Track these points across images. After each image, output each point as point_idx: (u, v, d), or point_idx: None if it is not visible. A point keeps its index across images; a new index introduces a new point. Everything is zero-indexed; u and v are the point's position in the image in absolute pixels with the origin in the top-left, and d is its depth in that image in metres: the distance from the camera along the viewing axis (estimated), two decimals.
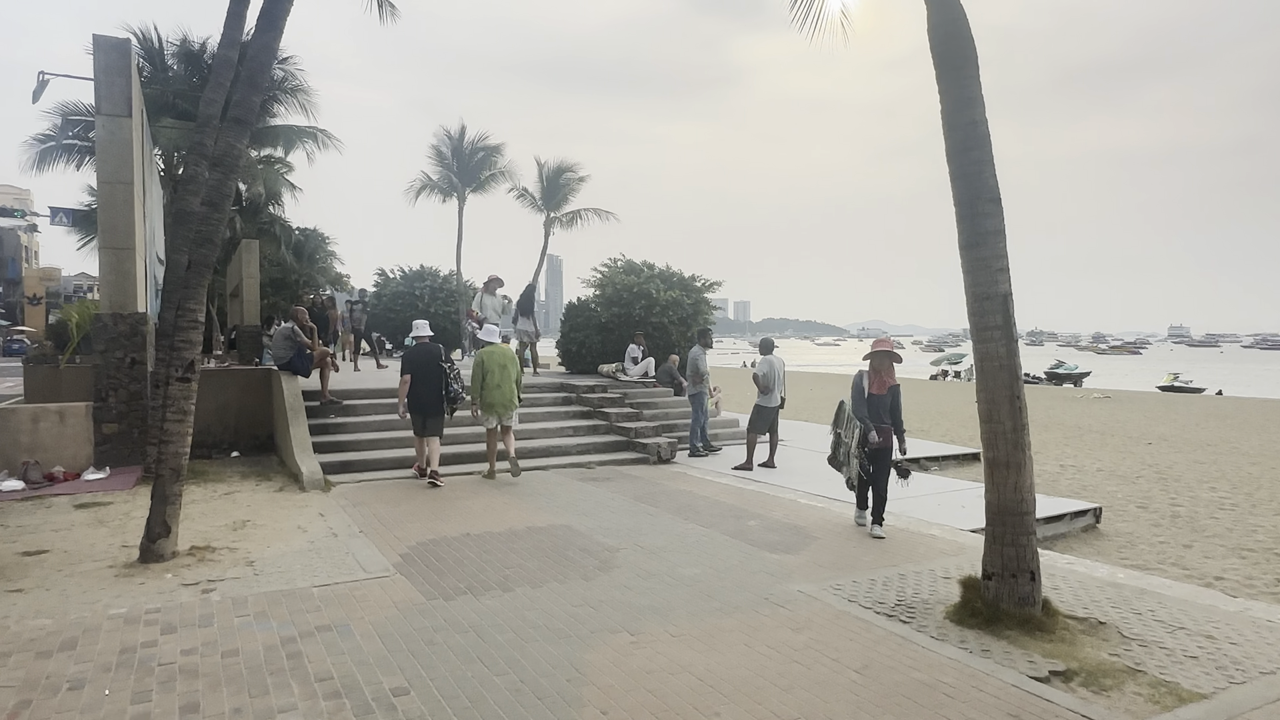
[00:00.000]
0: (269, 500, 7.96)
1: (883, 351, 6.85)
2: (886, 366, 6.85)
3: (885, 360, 6.83)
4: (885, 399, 6.80)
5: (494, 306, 14.08)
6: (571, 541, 6.48)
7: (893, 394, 6.83)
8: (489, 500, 8.07)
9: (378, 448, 10.01)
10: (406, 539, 6.51)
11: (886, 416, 6.79)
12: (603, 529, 6.91)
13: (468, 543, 6.39)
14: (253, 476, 9.28)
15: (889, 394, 6.81)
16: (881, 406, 6.78)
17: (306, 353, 10.51)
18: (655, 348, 14.78)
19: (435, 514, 7.41)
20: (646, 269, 15.44)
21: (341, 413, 10.75)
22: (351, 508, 7.66)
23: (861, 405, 6.81)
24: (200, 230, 5.95)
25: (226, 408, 11.13)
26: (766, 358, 10.58)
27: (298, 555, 5.98)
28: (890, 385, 6.82)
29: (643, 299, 14.57)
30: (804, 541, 6.60)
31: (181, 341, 5.84)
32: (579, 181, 27.87)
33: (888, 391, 6.81)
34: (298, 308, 10.98)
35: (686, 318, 15.11)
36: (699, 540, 6.58)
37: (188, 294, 5.89)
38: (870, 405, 6.79)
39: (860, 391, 6.83)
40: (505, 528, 6.90)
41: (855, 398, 6.85)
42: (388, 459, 9.60)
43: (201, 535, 6.48)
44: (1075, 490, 10.53)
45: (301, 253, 41.51)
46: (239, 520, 7.05)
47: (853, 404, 6.92)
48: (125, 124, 10.16)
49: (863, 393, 6.82)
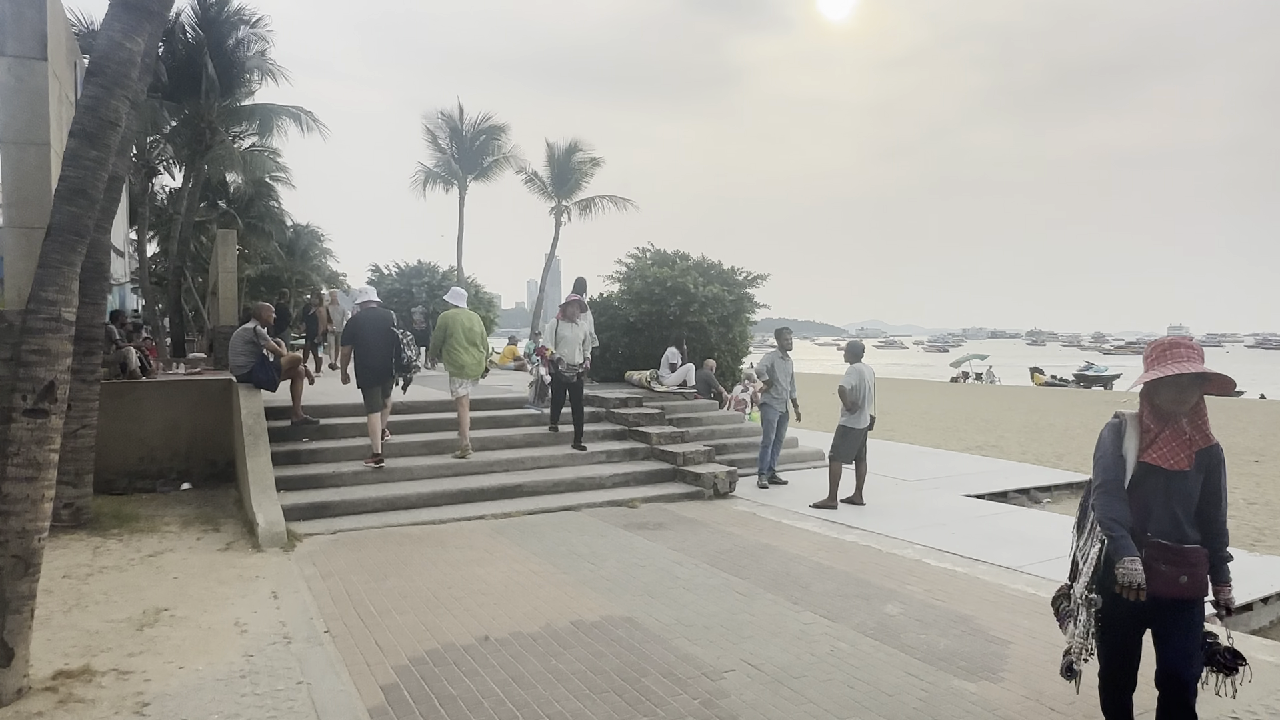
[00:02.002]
0: (206, 567, 5.75)
1: (1188, 375, 2.93)
2: (1195, 402, 3.02)
3: (1191, 390, 2.99)
4: (1186, 483, 3.02)
5: (574, 337, 9.18)
6: (645, 655, 4.28)
7: (1208, 468, 3.04)
8: (509, 566, 5.87)
9: (363, 482, 7.81)
10: (394, 648, 4.31)
11: (1189, 524, 3.03)
12: (683, 625, 4.72)
13: (487, 659, 4.20)
14: (197, 523, 7.07)
15: (1198, 468, 3.02)
16: (1178, 497, 3.02)
17: (271, 360, 8.30)
18: (691, 352, 12.61)
19: (437, 594, 5.21)
20: (680, 260, 13.25)
21: (317, 435, 8.55)
22: (320, 581, 5.46)
23: (1116, 496, 3.05)
24: (69, 177, 3.76)
25: (176, 427, 8.92)
26: (855, 366, 8.39)
27: (221, 689, 3.78)
28: (1199, 448, 3.02)
29: (678, 295, 12.38)
30: (991, 649, 4.41)
31: (33, 353, 3.64)
32: (592, 164, 25.20)
33: (1195, 463, 3.01)
34: (260, 303, 8.76)
35: (728, 316, 12.93)
36: (834, 649, 4.39)
37: (45, 278, 3.69)
38: (1144, 493, 3.05)
39: (1115, 460, 3.09)
40: (540, 624, 4.70)
41: (1105, 476, 3.10)
42: (374, 499, 7.40)
43: (84, 644, 4.28)
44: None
45: (294, 250, 39.38)
46: (152, 609, 4.85)
47: (1098, 488, 3.13)
48: (39, 68, 7.95)
49: (1120, 464, 3.08)
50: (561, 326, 9.25)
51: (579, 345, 9.19)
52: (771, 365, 9.37)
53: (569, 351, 9.11)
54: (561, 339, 9.17)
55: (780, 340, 9.54)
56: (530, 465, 8.71)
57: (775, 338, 9.63)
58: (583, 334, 9.33)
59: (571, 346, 9.13)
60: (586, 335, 9.47)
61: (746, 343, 13.71)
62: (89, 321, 6.72)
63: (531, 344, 19.01)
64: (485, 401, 10.01)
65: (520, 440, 9.17)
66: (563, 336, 9.18)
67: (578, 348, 9.17)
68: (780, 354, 9.47)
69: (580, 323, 9.43)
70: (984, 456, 12.84)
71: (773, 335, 9.74)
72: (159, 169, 22.43)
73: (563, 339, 9.16)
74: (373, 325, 8.22)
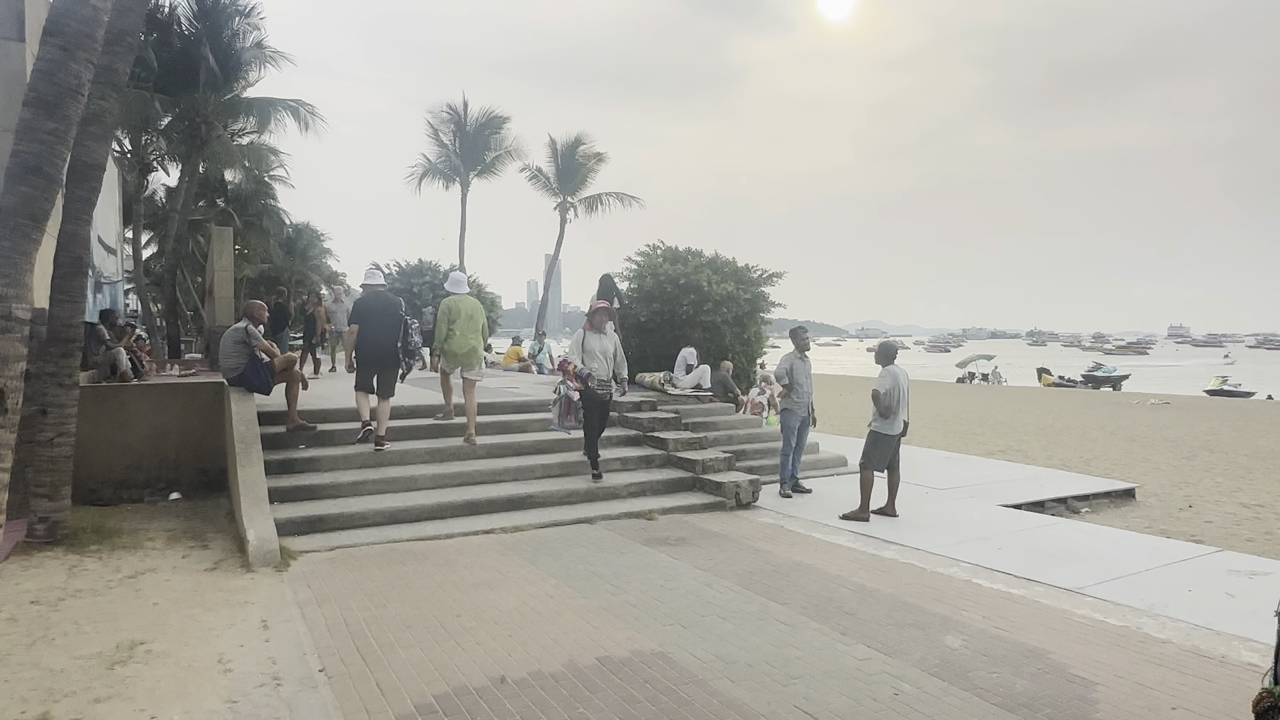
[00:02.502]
0: (191, 590, 5.24)
1: None
2: None
3: None
4: None
5: (604, 351, 8.15)
6: (684, 700, 3.76)
7: None
8: (524, 589, 5.35)
9: (363, 492, 7.30)
10: (398, 692, 3.79)
11: None
12: (724, 662, 4.20)
13: (504, 706, 3.67)
14: (184, 539, 6.56)
15: None
16: None
17: (264, 361, 7.79)
18: (705, 353, 12.10)
19: (445, 623, 4.69)
20: (693, 256, 12.73)
21: (315, 441, 8.04)
22: (315, 607, 4.95)
23: None
24: (22, 153, 3.24)
25: (164, 433, 8.40)
26: (888, 369, 7.86)
27: None
28: None
29: (691, 293, 11.87)
30: (1075, 691, 3.89)
31: None
32: (597, 160, 24.47)
33: None
34: (253, 301, 8.25)
35: (742, 316, 12.42)
36: (897, 691, 3.87)
37: None
38: None
39: None
40: (563, 660, 4.18)
41: None
42: (375, 511, 6.88)
43: (45, 686, 3.76)
44: None
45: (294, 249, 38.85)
46: (127, 643, 4.33)
47: None
48: (15, 50, 7.45)
49: None
50: (589, 338, 8.11)
51: (610, 359, 8.17)
52: (791, 367, 8.87)
53: (599, 367, 8.06)
54: (589, 353, 8.05)
55: (797, 340, 9.02)
56: (540, 474, 8.20)
57: (792, 338, 9.10)
58: (613, 346, 8.25)
59: (602, 361, 8.09)
60: (616, 347, 8.32)
61: (762, 343, 13.20)
62: (65, 320, 6.21)
63: (536, 345, 18.50)
64: (492, 405, 9.49)
65: (529, 446, 8.66)
66: (589, 350, 8.06)
67: (609, 362, 8.16)
68: (798, 354, 8.97)
69: (610, 332, 8.36)
70: (1010, 462, 12.32)
71: (787, 335, 9.22)
72: (154, 165, 21.89)
73: (589, 353, 8.05)
74: (378, 308, 8.03)
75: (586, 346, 8.11)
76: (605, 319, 8.33)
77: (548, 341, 19.21)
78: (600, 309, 8.35)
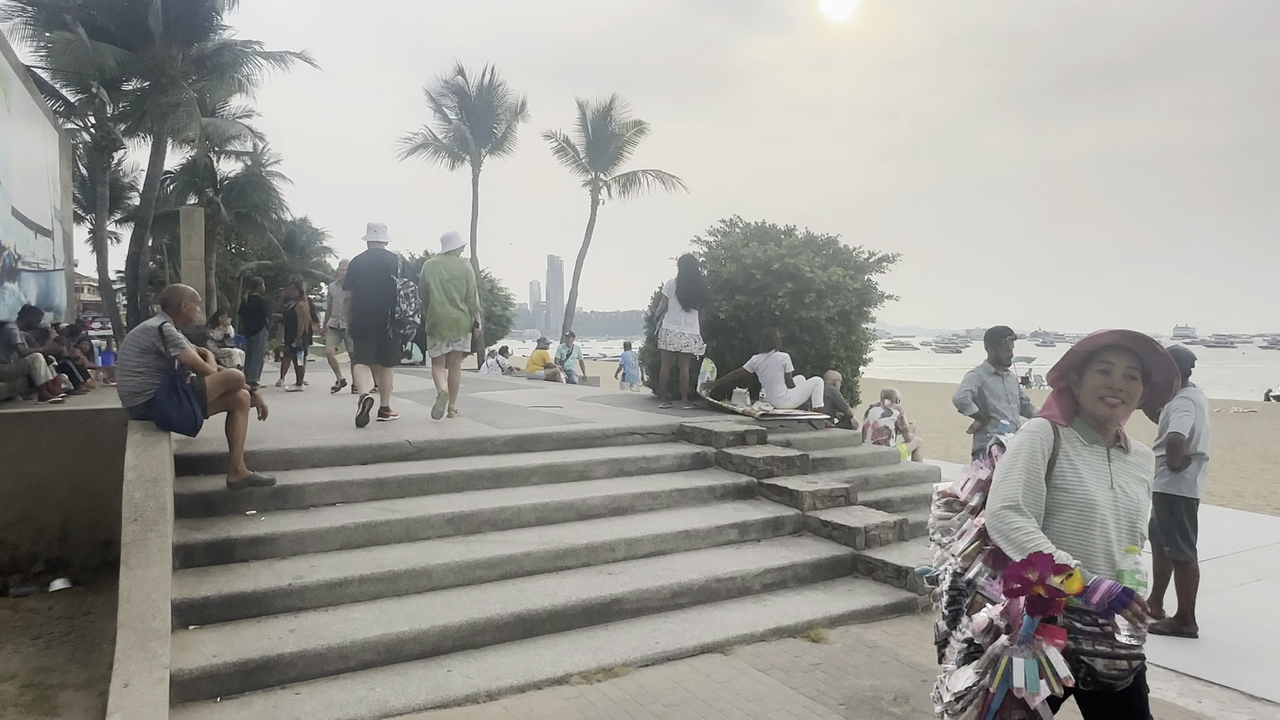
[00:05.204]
0: None
1: None
2: None
3: None
4: None
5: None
6: None
7: None
8: None
9: (345, 599, 4.36)
10: None
11: None
12: None
13: None
14: (21, 698, 3.65)
15: None
16: None
17: (188, 382, 4.85)
18: (803, 359, 9.18)
19: None
20: (786, 235, 9.80)
21: (272, 503, 5.10)
22: None
23: None
24: None
25: (44, 487, 5.51)
26: (1187, 393, 4.92)
27: None
28: None
29: (789, 281, 8.91)
30: None
31: None
32: (637, 130, 20.60)
33: None
34: (178, 285, 5.30)
35: (849, 311, 9.48)
36: None
37: None
38: None
39: None
40: None
41: None
42: (360, 643, 3.96)
43: None
44: None
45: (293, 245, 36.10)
46: None
47: None
48: None
49: None
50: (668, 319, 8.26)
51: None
52: (981, 388, 6.01)
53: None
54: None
55: (998, 348, 6.13)
56: (624, 553, 5.27)
57: (988, 343, 6.21)
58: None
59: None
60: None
61: (868, 347, 10.26)
62: None
63: (564, 348, 15.54)
64: (537, 439, 6.57)
65: (601, 507, 5.73)
66: (667, 330, 8.30)
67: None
68: (990, 369, 6.10)
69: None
70: (1242, 510, 9.31)
71: (984, 342, 6.30)
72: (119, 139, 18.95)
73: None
74: (370, 269, 7.05)
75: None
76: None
77: (576, 344, 16.27)
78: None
